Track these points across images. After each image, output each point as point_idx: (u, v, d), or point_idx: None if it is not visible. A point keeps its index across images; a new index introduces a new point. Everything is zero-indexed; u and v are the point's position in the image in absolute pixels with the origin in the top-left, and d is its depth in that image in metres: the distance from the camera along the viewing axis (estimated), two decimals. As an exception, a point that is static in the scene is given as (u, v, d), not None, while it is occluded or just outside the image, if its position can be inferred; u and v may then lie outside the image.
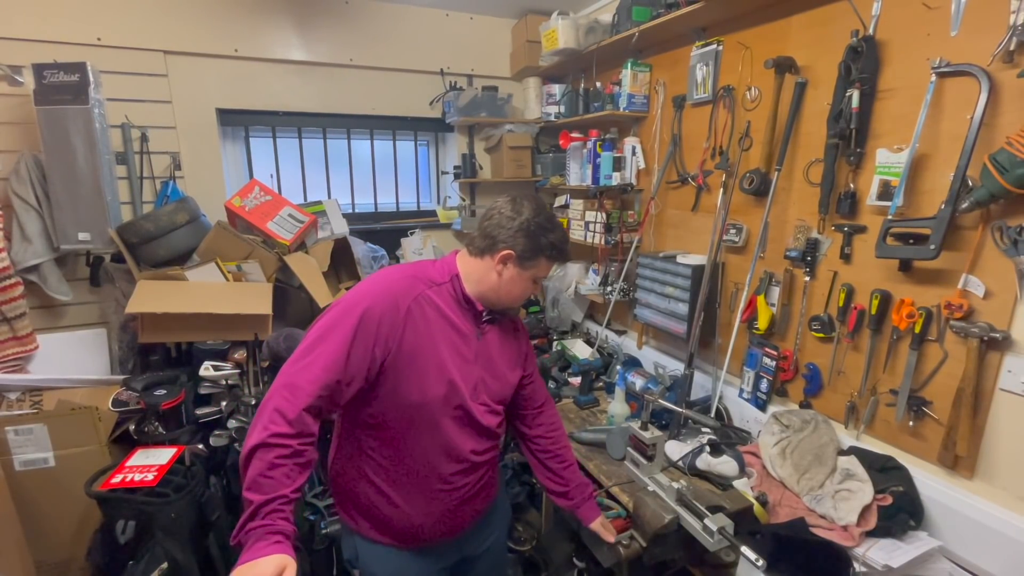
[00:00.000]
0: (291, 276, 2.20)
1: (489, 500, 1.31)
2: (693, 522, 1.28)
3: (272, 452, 0.90)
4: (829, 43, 1.54)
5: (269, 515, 0.86)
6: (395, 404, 1.08)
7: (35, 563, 1.76)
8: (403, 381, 1.06)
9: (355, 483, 1.17)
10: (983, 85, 1.18)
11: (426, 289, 1.11)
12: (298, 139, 2.74)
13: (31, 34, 2.06)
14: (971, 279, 1.27)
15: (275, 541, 0.84)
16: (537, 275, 1.16)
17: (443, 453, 1.14)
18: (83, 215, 2.03)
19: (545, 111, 2.82)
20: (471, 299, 1.15)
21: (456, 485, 1.18)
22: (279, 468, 0.90)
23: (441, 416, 1.12)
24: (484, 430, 1.19)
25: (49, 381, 1.95)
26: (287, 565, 0.82)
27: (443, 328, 1.11)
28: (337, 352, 0.98)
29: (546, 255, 1.14)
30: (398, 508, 1.15)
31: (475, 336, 1.16)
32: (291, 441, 0.91)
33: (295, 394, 0.94)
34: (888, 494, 1.35)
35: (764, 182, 1.74)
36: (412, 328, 1.06)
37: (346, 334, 0.99)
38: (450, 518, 1.21)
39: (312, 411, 0.95)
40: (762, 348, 1.80)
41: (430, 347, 1.08)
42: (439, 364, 1.09)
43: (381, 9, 2.62)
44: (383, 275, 1.12)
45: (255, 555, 0.82)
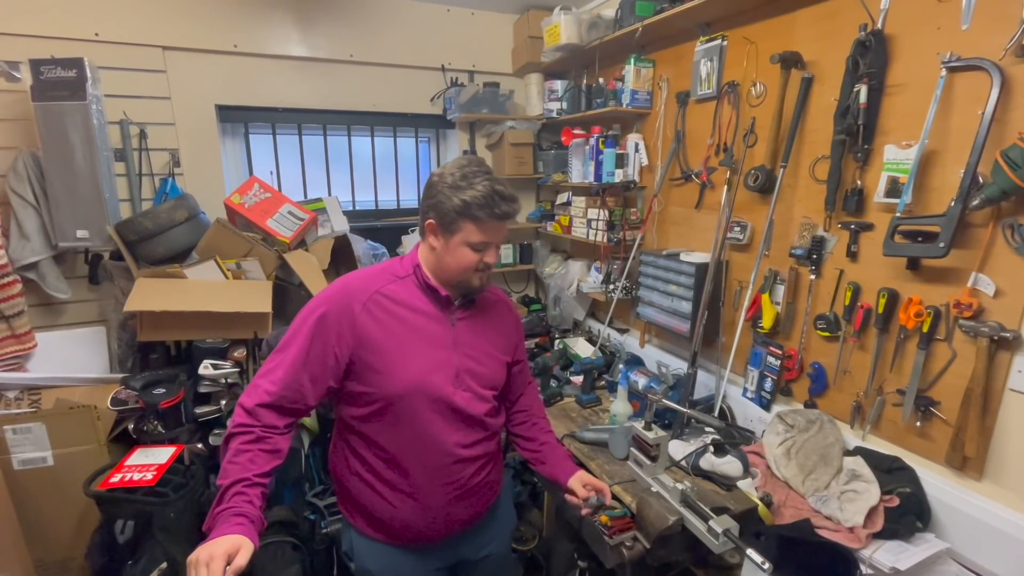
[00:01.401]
0: (291, 274, 2.19)
1: (488, 501, 1.28)
2: (697, 524, 1.26)
3: (236, 440, 0.99)
4: (836, 37, 1.51)
5: (233, 497, 0.92)
6: (372, 400, 1.09)
7: (34, 562, 1.76)
8: (375, 376, 1.08)
9: (348, 479, 1.19)
10: (995, 80, 1.16)
11: (386, 285, 1.11)
12: (298, 136, 2.72)
13: (28, 29, 2.04)
14: (981, 278, 1.25)
15: (236, 523, 0.88)
16: (468, 240, 1.06)
17: (428, 446, 1.12)
18: (81, 212, 2.02)
19: (547, 107, 2.80)
20: (434, 286, 1.13)
21: (446, 480, 1.15)
22: (244, 454, 0.97)
23: (421, 407, 1.10)
24: (471, 419, 1.16)
25: (48, 379, 1.94)
26: (242, 545, 0.84)
27: (409, 320, 1.10)
28: (296, 358, 1.05)
29: (465, 216, 1.04)
30: (389, 504, 1.14)
31: (449, 323, 1.14)
32: (254, 428, 0.99)
33: (257, 392, 1.03)
34: (895, 495, 1.34)
35: (769, 179, 1.72)
36: (371, 325, 1.07)
37: (303, 341, 1.05)
38: (443, 515, 1.17)
39: (273, 408, 1.03)
40: (766, 347, 1.78)
41: (396, 340, 1.08)
42: (410, 355, 1.09)
43: (382, 4, 2.60)
44: (342, 279, 1.14)
45: (216, 535, 0.86)
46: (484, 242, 1.08)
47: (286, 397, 1.03)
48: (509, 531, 1.41)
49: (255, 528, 0.90)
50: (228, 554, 0.82)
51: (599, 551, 1.48)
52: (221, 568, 0.80)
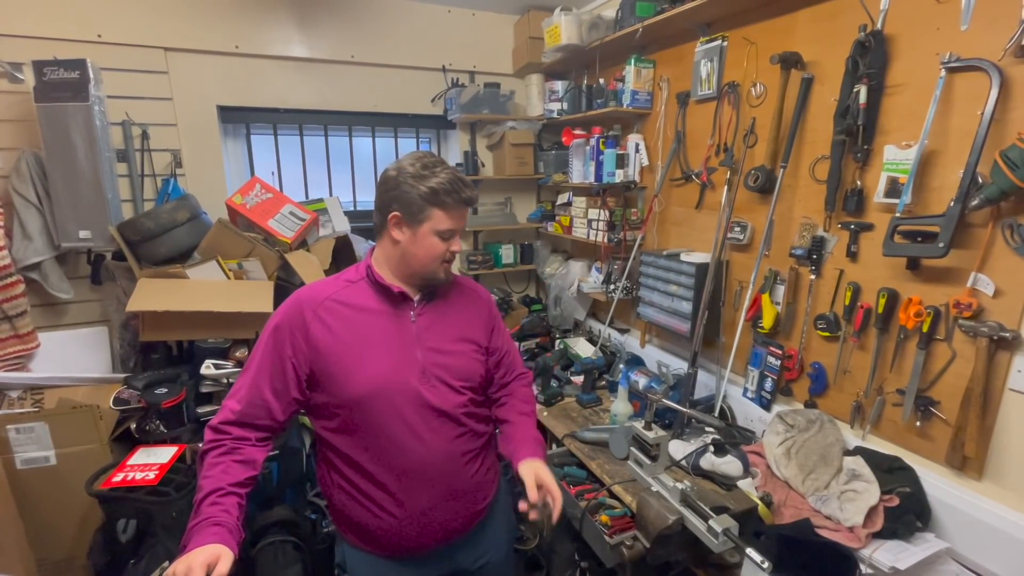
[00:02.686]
0: (292, 274, 2.19)
1: (480, 504, 1.21)
2: (697, 523, 1.26)
3: (208, 455, 1.00)
4: (836, 38, 1.51)
5: (209, 507, 0.92)
6: (339, 407, 1.08)
7: (36, 561, 1.76)
8: (334, 384, 1.07)
9: (333, 493, 1.17)
10: (994, 80, 1.16)
11: (339, 291, 1.11)
12: (299, 136, 2.73)
13: (31, 31, 2.05)
14: (980, 277, 1.25)
15: (212, 533, 0.87)
16: (436, 227, 1.07)
17: (404, 449, 1.09)
18: (84, 213, 2.02)
19: (548, 108, 2.80)
20: (387, 285, 1.11)
21: (429, 482, 1.11)
22: (216, 466, 0.98)
23: (388, 409, 1.07)
24: (445, 415, 1.11)
25: (50, 379, 1.95)
26: (220, 554, 0.83)
27: (363, 322, 1.10)
28: (256, 373, 1.06)
29: (432, 203, 1.05)
30: (374, 515, 1.11)
31: (409, 319, 1.13)
32: (224, 440, 1.01)
33: (223, 412, 1.05)
34: (895, 495, 1.34)
35: (769, 179, 1.72)
36: (324, 332, 1.07)
37: (262, 355, 1.07)
38: (432, 521, 1.13)
39: (240, 425, 1.04)
40: (767, 347, 1.78)
41: (351, 344, 1.07)
42: (370, 357, 1.08)
43: (383, 5, 2.60)
44: (297, 291, 1.14)
45: (194, 547, 0.84)
46: (451, 229, 1.09)
47: (250, 414, 1.04)
48: (508, 539, 1.35)
49: (233, 537, 0.89)
50: (207, 564, 0.80)
51: (599, 550, 1.48)
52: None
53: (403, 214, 1.07)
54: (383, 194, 1.09)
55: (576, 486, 1.69)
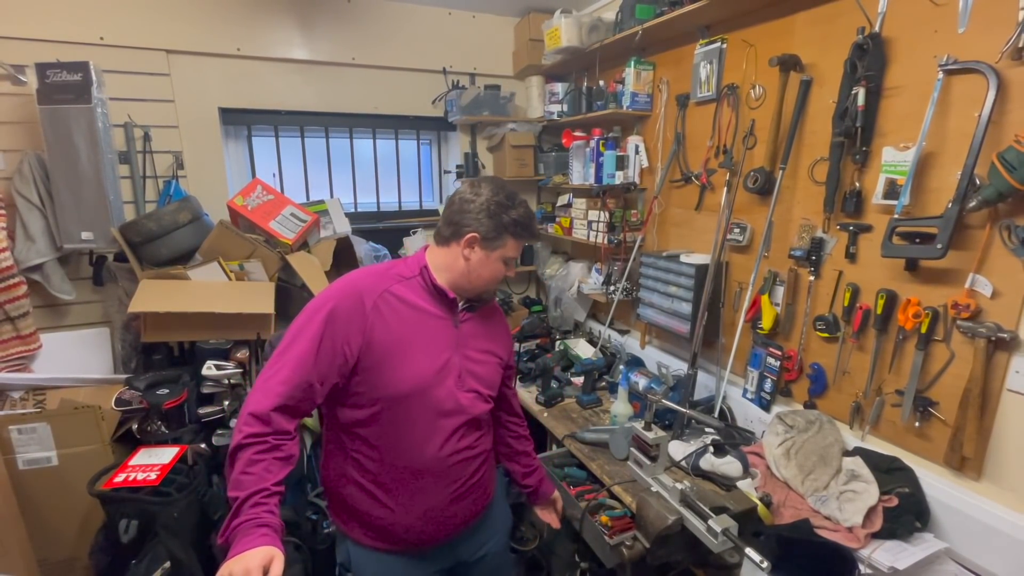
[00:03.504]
0: (293, 275, 2.20)
1: (484, 501, 1.27)
2: (697, 523, 1.27)
3: (249, 450, 0.94)
4: (834, 40, 1.52)
5: (253, 508, 0.88)
6: (375, 400, 1.08)
7: (38, 561, 1.76)
8: (380, 376, 1.06)
9: (343, 487, 1.16)
10: (991, 82, 1.17)
11: (393, 284, 1.11)
12: (300, 138, 2.73)
13: (34, 33, 2.06)
14: (978, 278, 1.26)
15: (262, 534, 0.85)
16: (505, 255, 1.14)
17: (430, 447, 1.11)
18: (86, 214, 2.03)
19: (548, 110, 2.81)
20: (442, 288, 1.14)
21: (448, 480, 1.15)
22: (258, 464, 0.93)
23: (424, 408, 1.10)
24: (472, 418, 1.17)
25: (52, 380, 1.95)
26: (274, 556, 0.83)
27: (416, 320, 1.11)
28: (305, 354, 1.01)
29: (511, 233, 1.12)
30: (386, 508, 1.13)
31: (453, 324, 1.16)
32: (267, 437, 0.95)
33: (267, 396, 0.98)
34: (894, 495, 1.34)
35: (768, 181, 1.73)
36: (380, 323, 1.07)
37: (312, 337, 1.02)
38: (443, 517, 1.17)
39: (285, 411, 0.99)
40: (766, 348, 1.78)
41: (402, 340, 1.08)
42: (416, 355, 1.09)
43: (383, 8, 2.61)
44: (348, 276, 1.14)
45: (242, 548, 0.83)
46: (514, 258, 1.17)
47: (295, 396, 1.00)
48: (506, 529, 1.41)
49: (279, 536, 0.89)
50: (263, 567, 0.81)
51: (599, 551, 1.49)
52: None
53: (482, 236, 1.11)
54: (462, 213, 1.12)
55: (576, 487, 1.69)
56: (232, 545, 0.85)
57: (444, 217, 1.15)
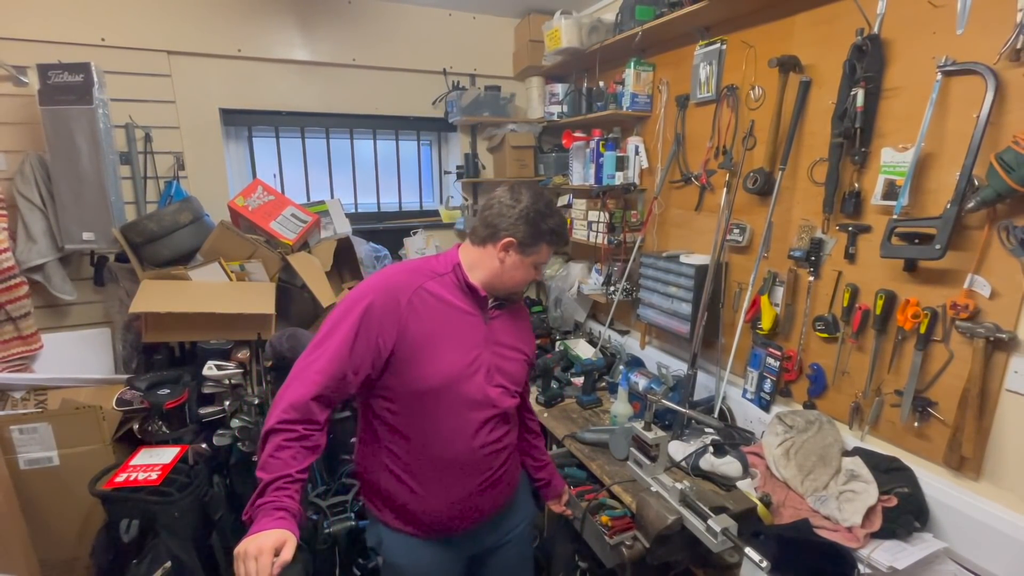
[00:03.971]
0: (294, 276, 2.21)
1: (510, 490, 1.32)
2: (697, 523, 1.27)
3: (280, 436, 0.99)
4: (833, 42, 1.53)
5: (275, 492, 0.95)
6: (408, 393, 1.12)
7: (39, 561, 1.77)
8: (413, 370, 1.10)
9: (377, 474, 1.20)
10: (989, 84, 1.18)
11: (427, 281, 1.15)
12: (301, 139, 2.74)
13: (35, 35, 2.06)
14: (977, 279, 1.26)
15: (278, 517, 0.91)
16: (538, 261, 1.18)
17: (461, 439, 1.15)
18: (87, 215, 2.04)
19: (548, 111, 2.81)
20: (474, 286, 1.17)
21: (476, 471, 1.19)
22: (286, 450, 0.99)
23: (455, 401, 1.13)
24: (502, 414, 1.21)
25: (53, 380, 1.96)
26: (287, 539, 0.88)
27: (448, 316, 1.14)
28: (342, 346, 1.05)
29: (546, 241, 1.16)
30: (418, 496, 1.17)
31: (483, 321, 1.19)
32: (297, 426, 1.00)
33: (304, 385, 1.03)
34: (893, 495, 1.34)
35: (768, 181, 1.73)
36: (415, 319, 1.10)
37: (349, 329, 1.06)
38: (471, 506, 1.21)
39: (320, 400, 1.03)
40: (766, 348, 1.79)
41: (436, 335, 1.12)
42: (448, 350, 1.12)
43: (384, 9, 2.62)
44: (385, 271, 1.18)
45: (260, 528, 0.89)
46: (544, 263, 1.21)
47: (330, 387, 1.04)
48: (529, 520, 1.43)
49: (296, 521, 0.94)
50: (276, 548, 0.86)
51: (599, 551, 1.49)
52: (269, 562, 0.85)
53: (519, 241, 1.14)
54: (501, 217, 1.15)
55: (576, 487, 1.70)
56: (253, 523, 0.91)
57: (482, 219, 1.18)
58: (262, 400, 1.88)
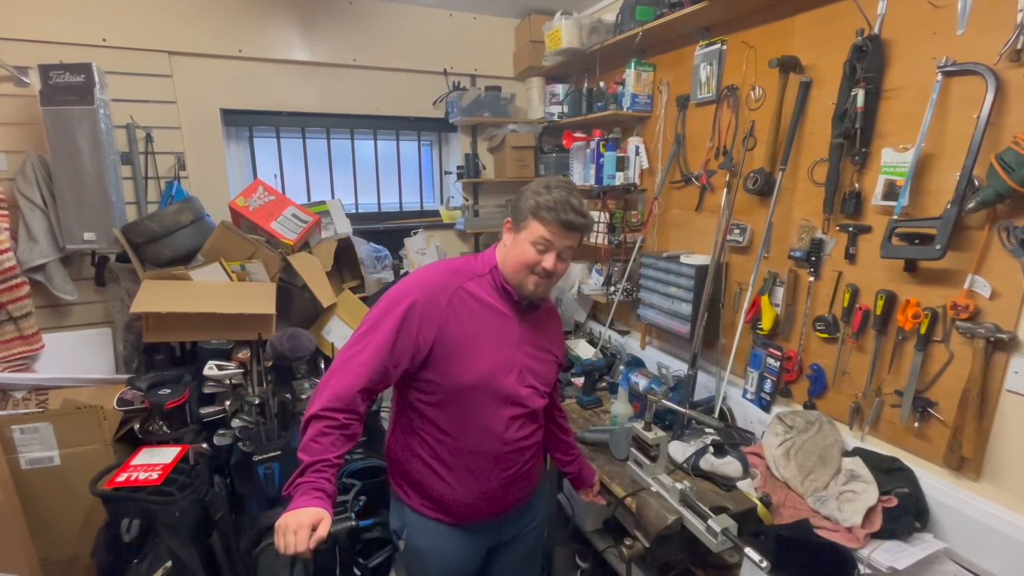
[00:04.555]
0: (295, 276, 2.21)
1: (533, 483, 1.36)
2: (697, 523, 1.27)
3: (322, 422, 1.05)
4: (834, 42, 1.53)
5: (313, 473, 1.01)
6: (443, 389, 1.16)
7: (40, 560, 1.77)
8: (449, 367, 1.14)
9: (408, 459, 1.25)
10: (989, 84, 1.18)
11: (467, 281, 1.19)
12: (302, 139, 2.74)
13: (37, 35, 2.07)
14: (977, 279, 1.26)
15: (316, 496, 0.98)
16: (532, 238, 1.15)
17: (491, 434, 1.19)
18: (88, 215, 2.04)
19: (548, 111, 2.82)
20: (509, 289, 1.21)
21: (503, 466, 1.23)
22: (327, 436, 1.04)
23: (488, 399, 1.17)
24: (531, 413, 1.24)
25: (54, 380, 1.96)
26: (323, 517, 0.96)
27: (486, 316, 1.19)
28: (384, 340, 1.10)
29: (532, 213, 1.15)
30: (447, 484, 1.21)
31: (517, 322, 1.23)
32: (339, 415, 1.06)
33: (348, 376, 1.08)
34: (893, 495, 1.34)
35: (768, 182, 1.73)
36: (454, 319, 1.15)
37: (392, 324, 1.11)
38: (496, 498, 1.26)
39: (363, 392, 1.09)
40: (766, 349, 1.79)
41: (473, 335, 1.16)
42: (483, 350, 1.17)
43: (384, 9, 2.62)
44: (427, 271, 1.23)
45: (298, 506, 0.96)
46: (545, 241, 1.14)
47: (373, 379, 1.09)
48: (544, 519, 1.48)
49: (330, 503, 1.00)
50: (313, 524, 0.94)
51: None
52: (307, 536, 0.93)
53: (513, 220, 1.19)
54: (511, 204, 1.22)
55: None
56: (293, 499, 0.98)
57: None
58: (262, 400, 1.88)
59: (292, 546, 0.92)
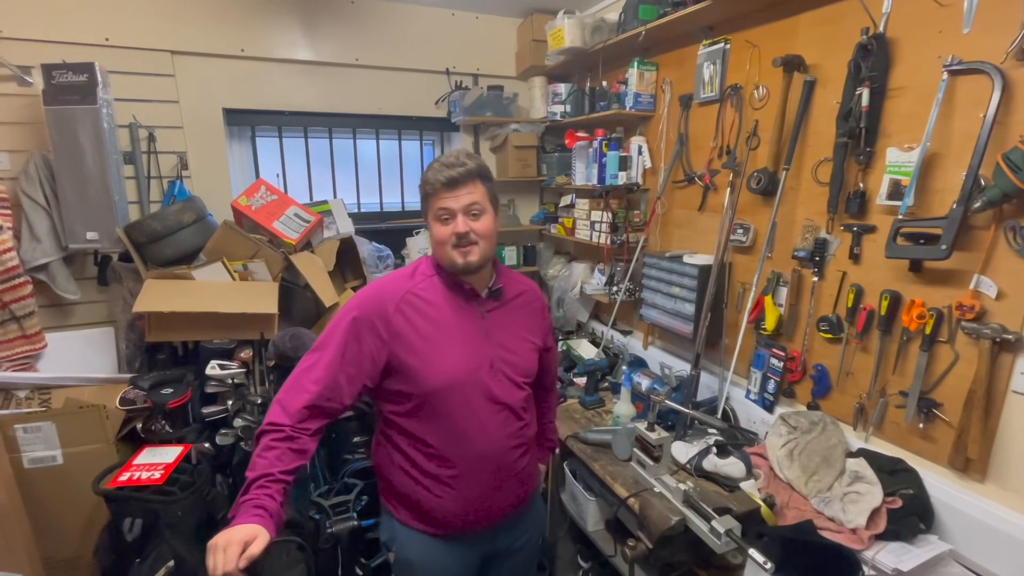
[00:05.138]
0: (297, 275, 2.21)
1: (525, 493, 1.31)
2: (700, 524, 1.27)
3: (268, 436, 1.03)
4: (838, 41, 1.52)
5: (256, 490, 0.97)
6: (412, 396, 1.14)
7: (43, 560, 1.77)
8: (413, 373, 1.12)
9: (391, 472, 1.23)
10: (996, 83, 1.17)
11: (415, 286, 1.17)
12: (304, 139, 2.74)
13: (40, 35, 2.07)
14: (983, 280, 1.25)
15: (255, 514, 0.93)
16: (433, 215, 1.14)
17: (469, 437, 1.16)
18: (91, 214, 2.04)
19: (551, 110, 2.81)
20: (461, 281, 1.18)
21: (488, 468, 1.19)
22: (272, 450, 1.01)
23: (460, 400, 1.14)
24: (508, 408, 1.20)
25: (57, 379, 1.96)
26: (258, 535, 0.91)
27: (442, 316, 1.16)
28: (332, 358, 1.09)
29: (424, 196, 1.15)
30: (432, 495, 1.18)
31: (480, 315, 1.20)
32: (285, 428, 1.03)
33: (297, 392, 1.07)
34: (898, 497, 1.34)
35: (772, 181, 1.73)
36: (405, 324, 1.12)
37: (340, 340, 1.10)
38: (482, 506, 1.21)
39: (312, 409, 1.07)
40: (769, 349, 1.78)
41: (431, 336, 1.13)
42: (446, 350, 1.14)
43: (387, 9, 2.62)
44: (370, 285, 1.21)
45: (236, 524, 0.92)
46: (444, 209, 1.11)
47: (324, 396, 1.08)
48: (541, 525, 1.43)
49: (273, 521, 0.95)
50: (245, 541, 0.88)
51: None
52: (237, 553, 0.86)
53: (422, 209, 1.18)
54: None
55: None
56: (233, 520, 0.94)
57: None
58: (265, 399, 1.88)
59: (220, 566, 0.85)
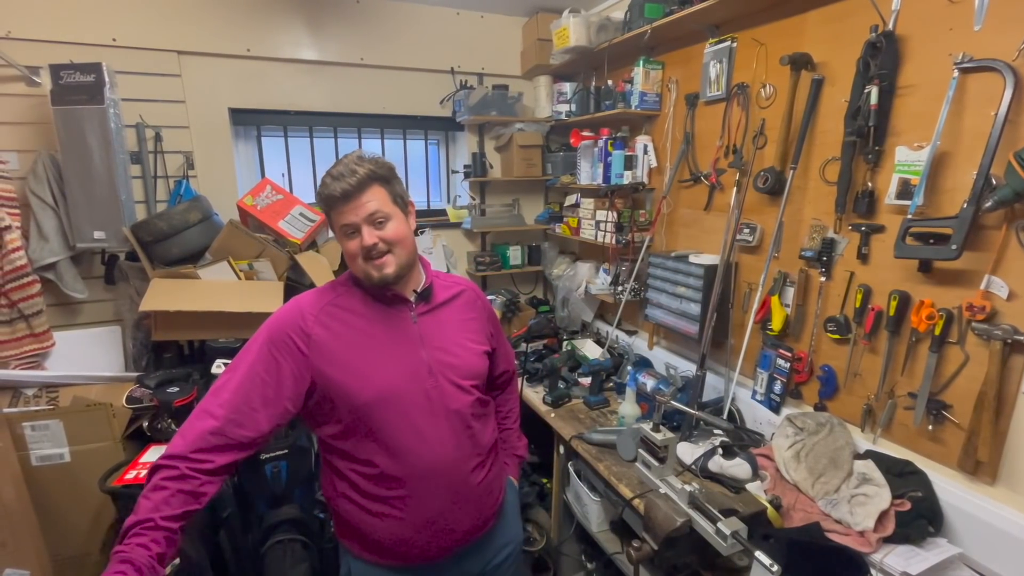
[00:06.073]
0: (302, 275, 2.21)
1: (489, 509, 1.21)
2: (706, 526, 1.26)
3: (159, 473, 0.92)
4: (847, 39, 1.51)
5: (131, 538, 0.86)
6: (345, 413, 1.05)
7: (51, 556, 1.78)
8: (339, 389, 1.04)
9: (337, 502, 1.14)
10: (1008, 81, 1.15)
11: (337, 296, 1.11)
12: (309, 138, 2.75)
13: (48, 35, 2.08)
14: (994, 280, 1.24)
15: (117, 572, 0.81)
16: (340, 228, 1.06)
17: (413, 451, 1.07)
18: (98, 214, 2.05)
19: (556, 109, 2.80)
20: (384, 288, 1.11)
21: (439, 484, 1.09)
22: (160, 491, 0.90)
23: (397, 411, 1.06)
24: (454, 414, 1.11)
25: (65, 378, 1.97)
26: None
27: (368, 325, 1.09)
28: (245, 376, 1.00)
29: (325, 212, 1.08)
30: (381, 521, 1.09)
31: (411, 320, 1.13)
32: (180, 464, 0.92)
33: (201, 417, 0.97)
34: (906, 499, 1.32)
35: (779, 181, 1.71)
36: (328, 337, 1.05)
37: (253, 359, 1.02)
38: (441, 528, 1.11)
39: (217, 435, 0.95)
40: (776, 349, 1.77)
41: (358, 346, 1.06)
42: (375, 359, 1.07)
43: (392, 8, 2.62)
44: (294, 298, 1.13)
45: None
46: (347, 224, 1.05)
47: (234, 420, 0.97)
48: (516, 543, 1.33)
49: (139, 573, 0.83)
50: None
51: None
52: None
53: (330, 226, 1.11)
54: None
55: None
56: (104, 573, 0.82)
57: None
58: (270, 398, 1.89)
59: None
